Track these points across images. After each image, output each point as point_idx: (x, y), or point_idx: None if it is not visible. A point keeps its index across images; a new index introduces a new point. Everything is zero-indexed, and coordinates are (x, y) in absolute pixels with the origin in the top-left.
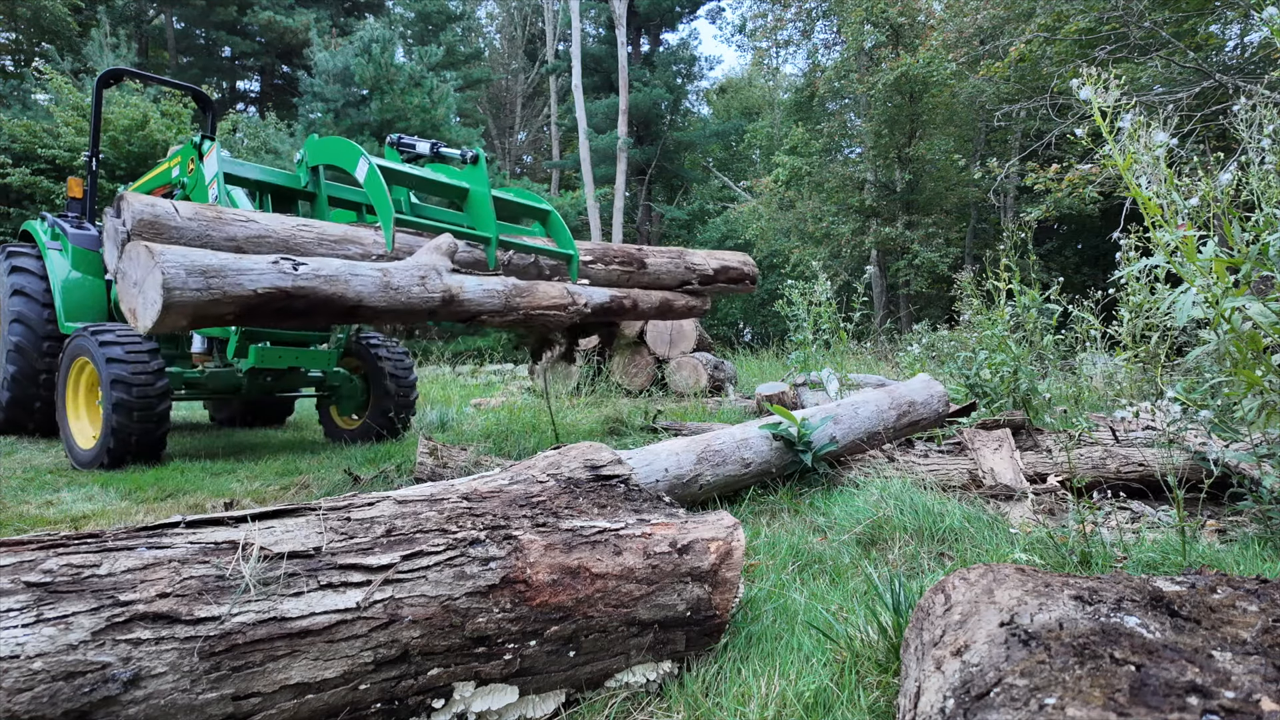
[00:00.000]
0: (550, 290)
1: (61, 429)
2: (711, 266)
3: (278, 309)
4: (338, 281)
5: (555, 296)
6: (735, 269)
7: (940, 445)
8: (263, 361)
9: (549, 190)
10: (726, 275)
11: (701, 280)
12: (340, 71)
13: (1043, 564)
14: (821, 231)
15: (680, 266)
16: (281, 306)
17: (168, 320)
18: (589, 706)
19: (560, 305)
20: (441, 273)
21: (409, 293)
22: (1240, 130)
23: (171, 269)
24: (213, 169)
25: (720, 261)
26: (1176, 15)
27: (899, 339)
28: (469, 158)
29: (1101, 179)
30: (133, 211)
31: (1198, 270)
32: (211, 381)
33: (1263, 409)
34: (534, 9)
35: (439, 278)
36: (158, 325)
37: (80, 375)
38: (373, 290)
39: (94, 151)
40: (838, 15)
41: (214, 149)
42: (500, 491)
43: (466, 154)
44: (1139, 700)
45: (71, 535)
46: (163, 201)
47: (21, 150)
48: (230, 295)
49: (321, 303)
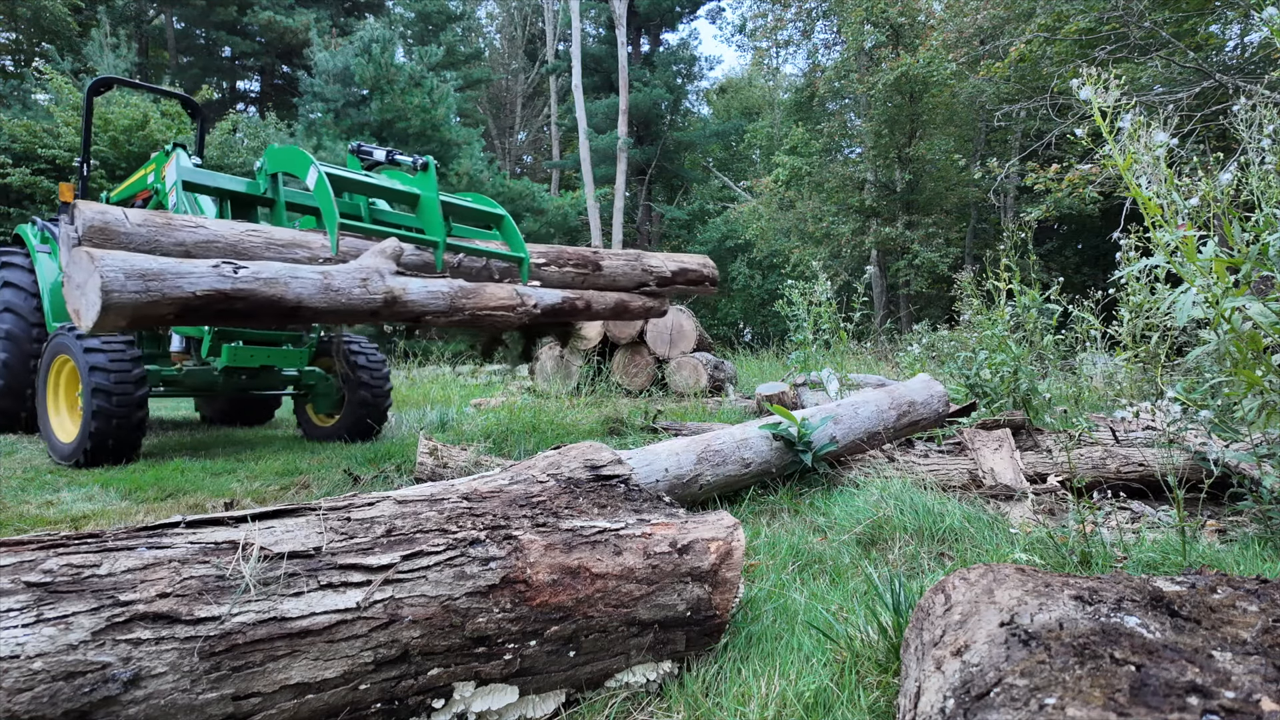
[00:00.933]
0: (498, 292)
1: (41, 423)
2: (669, 269)
3: (219, 310)
4: (278, 284)
5: (503, 298)
6: (694, 271)
7: (940, 445)
8: (235, 360)
9: (549, 190)
10: (685, 277)
11: (659, 282)
12: (340, 71)
13: (1043, 564)
14: (821, 231)
15: (637, 269)
16: (222, 308)
17: (107, 320)
18: (589, 706)
19: (509, 306)
20: (384, 275)
21: (350, 294)
22: (1240, 130)
23: (110, 273)
24: (172, 177)
25: (679, 264)
26: (1176, 15)
27: (899, 339)
28: (419, 164)
29: (1101, 179)
30: (84, 219)
31: (1198, 270)
32: (189, 379)
33: (1263, 409)
34: (534, 9)
35: (381, 280)
36: (98, 325)
37: (60, 372)
38: (313, 292)
39: (85, 157)
40: (838, 15)
41: (174, 157)
42: (500, 491)
43: (417, 161)
44: (1139, 700)
45: (71, 535)
46: (113, 209)
47: (21, 150)
48: (169, 297)
49: (262, 304)
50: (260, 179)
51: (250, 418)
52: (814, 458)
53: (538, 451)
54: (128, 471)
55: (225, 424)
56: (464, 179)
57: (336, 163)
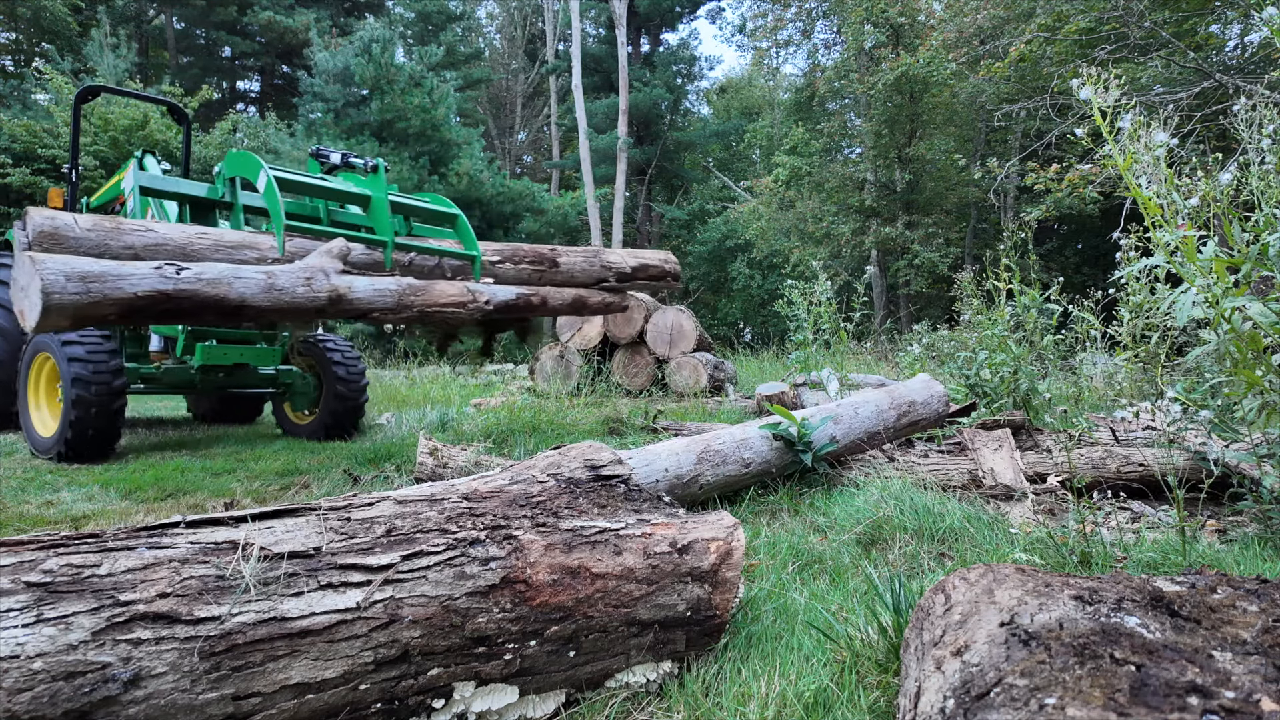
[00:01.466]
0: (449, 289)
1: (21, 418)
2: (629, 265)
3: (162, 310)
4: (220, 284)
5: (454, 294)
6: (655, 267)
7: (940, 445)
8: (208, 359)
9: (549, 190)
10: (646, 273)
11: (619, 278)
12: (340, 71)
13: (1043, 564)
14: (821, 231)
15: (595, 265)
16: (166, 308)
17: (49, 321)
18: (589, 706)
19: (460, 303)
20: (329, 274)
21: (294, 293)
22: (1240, 130)
23: (51, 275)
24: (129, 183)
25: (639, 260)
26: (1176, 15)
27: (899, 339)
28: (369, 167)
29: (1101, 179)
30: (34, 225)
31: (1198, 270)
32: (167, 377)
33: (1263, 409)
34: (534, 9)
35: (326, 279)
36: (40, 326)
37: (41, 370)
38: (256, 291)
39: (74, 163)
40: (838, 15)
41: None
42: (500, 491)
43: (367, 163)
44: (1139, 700)
45: (71, 535)
46: (63, 215)
47: (21, 150)
48: (110, 298)
49: (205, 303)
50: (219, 184)
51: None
52: (814, 458)
53: (538, 451)
54: (128, 471)
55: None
56: (464, 179)
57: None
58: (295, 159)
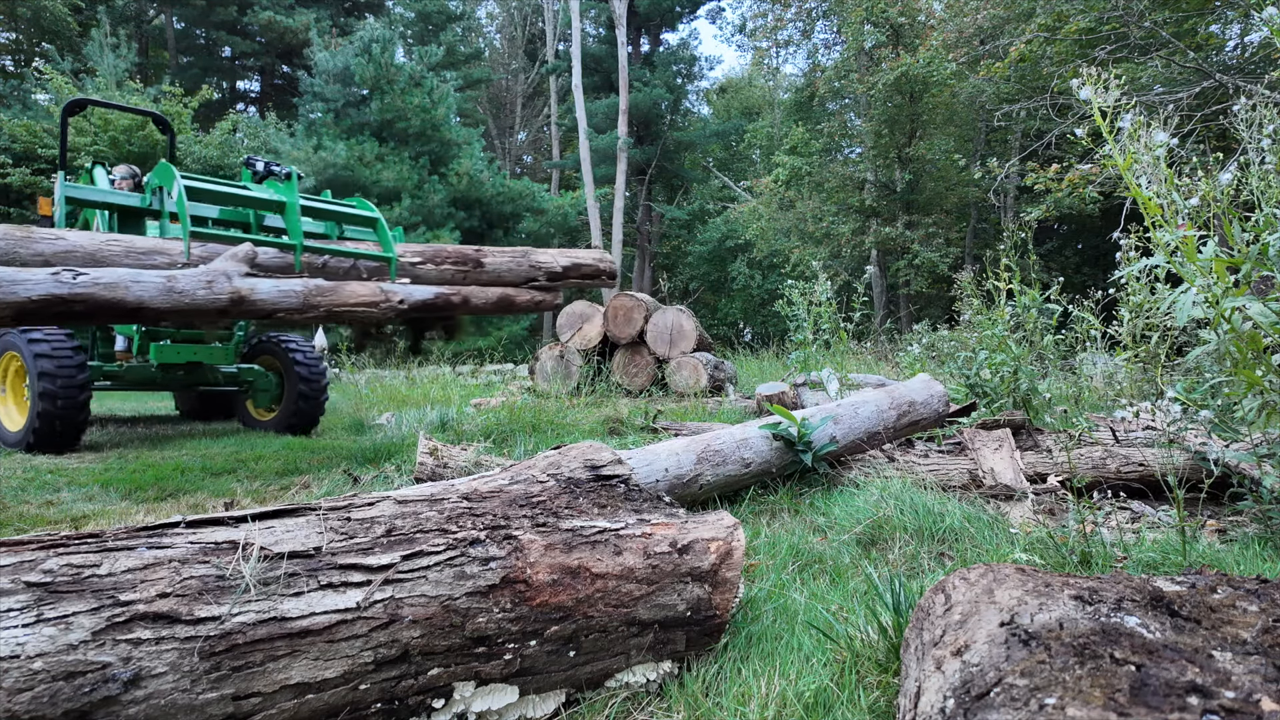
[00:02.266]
0: (360, 289)
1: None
2: (561, 264)
3: (57, 312)
4: (118, 288)
5: (365, 295)
6: (589, 266)
7: (940, 445)
8: (161, 358)
9: (549, 190)
10: (579, 272)
11: (550, 277)
12: (340, 71)
13: (1043, 564)
14: (821, 231)
15: (524, 264)
16: (61, 310)
17: None
18: (589, 706)
19: (372, 302)
20: (232, 276)
21: (194, 295)
22: (1240, 130)
23: None
24: (57, 194)
25: (571, 259)
26: (1176, 15)
27: (899, 339)
28: (283, 175)
29: (1101, 179)
30: None
31: (1198, 270)
32: (129, 374)
33: (1263, 409)
34: (534, 9)
35: (228, 281)
36: None
37: (8, 369)
38: (155, 294)
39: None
40: (838, 15)
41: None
42: (500, 491)
43: (282, 171)
44: (1139, 700)
45: (71, 535)
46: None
47: (21, 150)
48: (4, 302)
49: (102, 306)
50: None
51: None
52: (814, 458)
53: (538, 451)
54: (128, 471)
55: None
56: (464, 179)
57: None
58: (295, 159)
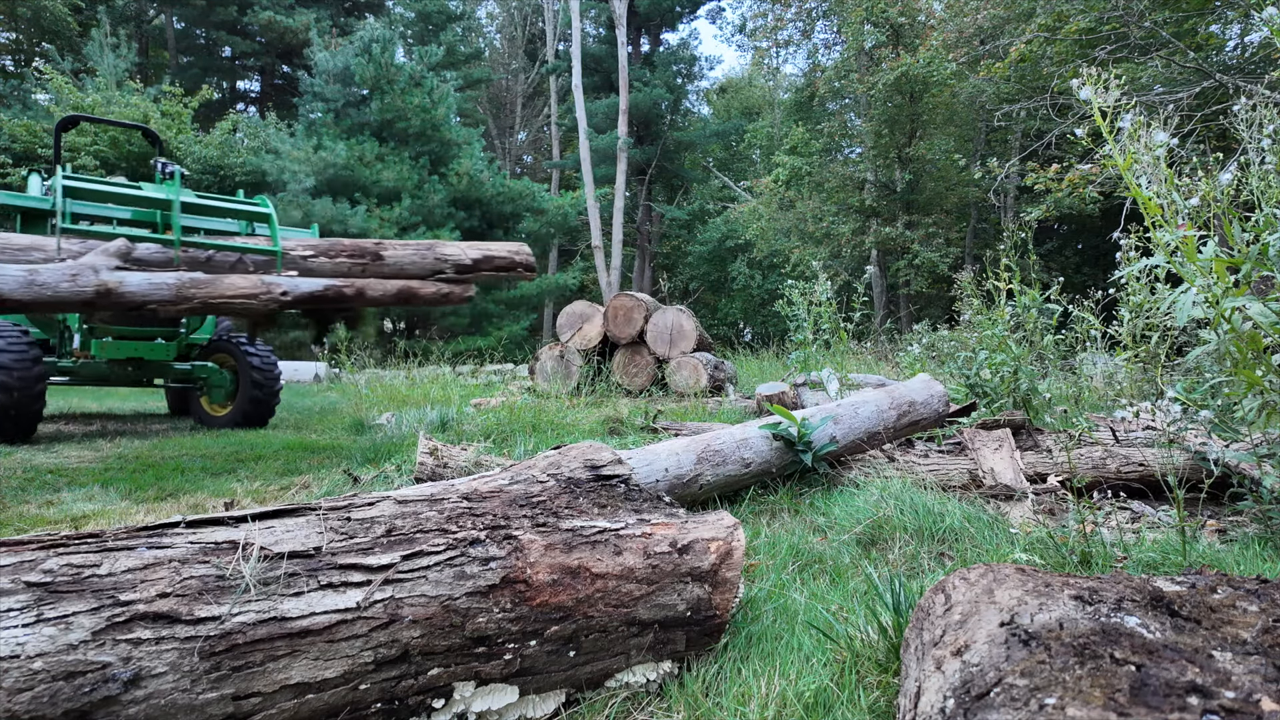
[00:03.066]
0: (239, 282)
1: None
2: (470, 256)
3: None
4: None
5: (245, 287)
6: (502, 258)
7: (940, 445)
8: (103, 354)
9: (549, 190)
10: (491, 264)
11: (458, 269)
12: (340, 71)
13: (1043, 564)
14: (821, 231)
15: (428, 258)
16: None
17: None
18: (589, 706)
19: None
20: (99, 270)
21: (57, 288)
22: (1240, 130)
23: None
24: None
25: (482, 252)
26: (1176, 15)
27: (899, 339)
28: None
29: (1101, 179)
30: None
31: (1198, 270)
32: (84, 370)
33: (1263, 409)
34: (534, 9)
35: (95, 274)
36: None
37: None
38: (15, 287)
39: None
40: (838, 15)
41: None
42: (500, 491)
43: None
44: (1139, 700)
45: (72, 535)
46: None
47: (21, 150)
48: None
49: None
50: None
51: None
52: (814, 458)
53: (538, 451)
54: (128, 471)
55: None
56: (464, 179)
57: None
58: (295, 159)
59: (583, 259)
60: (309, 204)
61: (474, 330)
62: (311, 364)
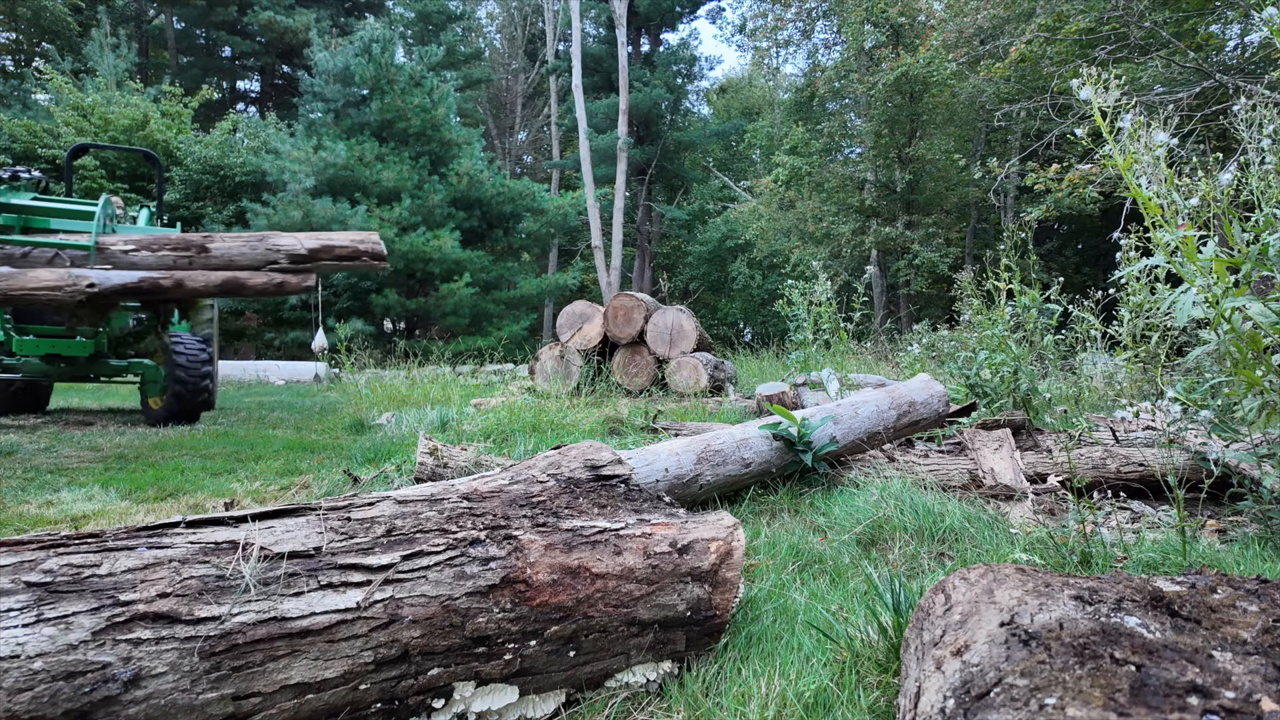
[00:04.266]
0: (45, 275)
1: None
2: (306, 246)
3: None
4: None
5: (50, 280)
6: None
7: (940, 445)
8: (24, 350)
9: (549, 190)
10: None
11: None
12: (340, 71)
13: (1043, 564)
14: (821, 231)
15: (260, 249)
16: None
17: None
18: (589, 706)
19: (57, 287)
20: None
21: None
22: (1240, 130)
23: None
24: None
25: (320, 242)
26: (1176, 15)
27: (899, 339)
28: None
29: (1101, 179)
30: None
31: (1198, 270)
32: (25, 367)
33: (1263, 409)
34: (534, 9)
35: None
36: None
37: None
38: None
39: None
40: (838, 15)
41: None
42: (500, 491)
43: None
44: (1139, 700)
45: (72, 535)
46: None
47: (21, 150)
48: None
49: None
50: None
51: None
52: (814, 458)
53: (538, 451)
54: (128, 471)
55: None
56: (464, 179)
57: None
58: (295, 159)
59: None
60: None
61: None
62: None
